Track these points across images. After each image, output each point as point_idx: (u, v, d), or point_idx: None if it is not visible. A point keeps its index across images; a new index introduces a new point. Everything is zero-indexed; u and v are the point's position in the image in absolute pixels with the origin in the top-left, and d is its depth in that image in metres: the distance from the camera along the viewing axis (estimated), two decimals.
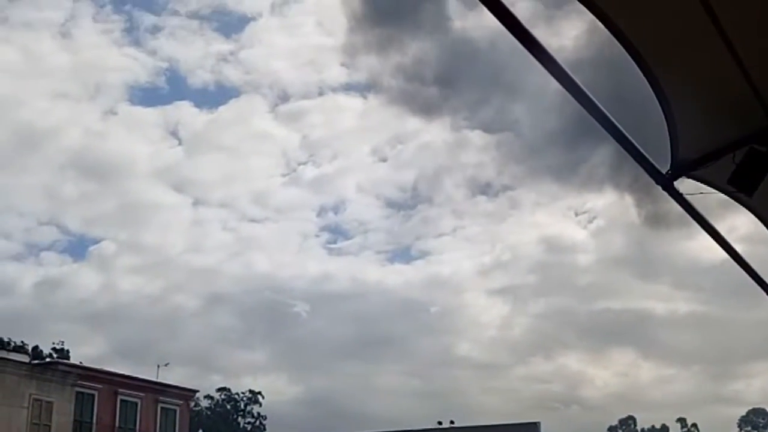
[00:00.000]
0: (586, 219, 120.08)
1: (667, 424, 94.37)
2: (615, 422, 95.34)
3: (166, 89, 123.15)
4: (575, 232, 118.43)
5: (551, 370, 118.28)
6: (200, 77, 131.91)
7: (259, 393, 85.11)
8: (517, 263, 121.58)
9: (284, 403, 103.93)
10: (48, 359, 53.21)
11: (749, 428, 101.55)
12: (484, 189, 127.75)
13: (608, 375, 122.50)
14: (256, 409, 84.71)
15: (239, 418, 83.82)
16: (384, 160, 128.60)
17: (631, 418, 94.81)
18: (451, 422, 52.16)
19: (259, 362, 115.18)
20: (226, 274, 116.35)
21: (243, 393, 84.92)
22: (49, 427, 39.69)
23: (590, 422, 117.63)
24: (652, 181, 5.56)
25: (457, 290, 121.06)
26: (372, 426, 54.76)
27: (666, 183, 5.60)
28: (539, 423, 48.65)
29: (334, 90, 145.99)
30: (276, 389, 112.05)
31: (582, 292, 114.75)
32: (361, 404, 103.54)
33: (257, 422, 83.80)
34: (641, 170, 5.36)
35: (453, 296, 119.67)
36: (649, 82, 5.05)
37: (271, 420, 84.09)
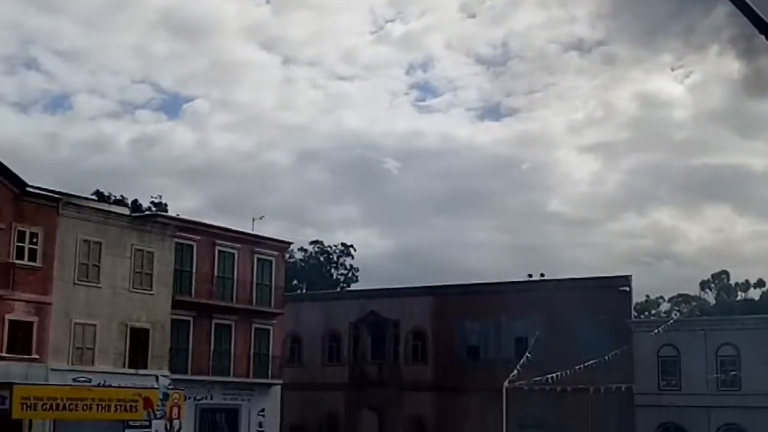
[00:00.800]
0: (682, 74, 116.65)
1: (764, 279, 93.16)
2: (708, 277, 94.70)
3: None
4: (671, 88, 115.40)
5: (644, 225, 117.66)
6: None
7: (351, 246, 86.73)
8: (610, 119, 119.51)
9: (375, 257, 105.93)
10: (147, 212, 54.85)
11: None
12: (577, 45, 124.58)
13: (702, 230, 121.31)
14: (348, 261, 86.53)
15: (332, 270, 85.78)
16: (473, 16, 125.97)
17: (725, 272, 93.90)
18: (542, 275, 52.62)
19: (351, 217, 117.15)
20: (317, 131, 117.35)
21: (335, 246, 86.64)
22: (151, 275, 41.28)
23: (682, 277, 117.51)
24: (756, 32, 5.32)
25: (549, 147, 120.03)
26: (462, 279, 55.56)
27: None
28: (630, 276, 48.72)
29: None
30: (367, 243, 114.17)
31: (677, 147, 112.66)
32: (452, 258, 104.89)
33: (350, 274, 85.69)
34: (743, 21, 5.14)
35: (544, 153, 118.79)
36: None
37: (362, 272, 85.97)
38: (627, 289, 48.10)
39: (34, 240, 36.93)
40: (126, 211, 44.88)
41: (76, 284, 38.27)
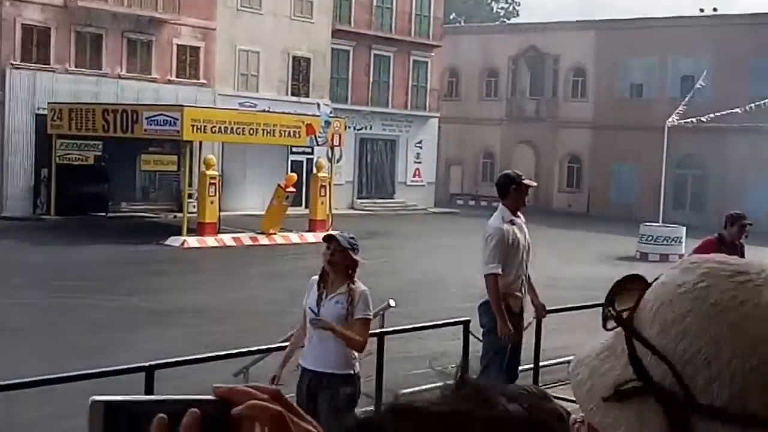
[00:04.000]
0: None
1: None
2: None
3: None
4: None
5: None
6: None
7: None
8: None
9: None
10: None
11: None
12: None
13: None
14: None
15: (492, 3, 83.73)
16: None
17: None
18: (714, 9, 50.02)
19: None
20: None
21: None
22: (311, 2, 40.92)
23: None
24: None
25: None
26: (628, 14, 53.30)
27: None
28: None
29: None
30: None
31: None
32: None
33: (510, 7, 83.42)
34: None
35: None
36: None
37: (523, 6, 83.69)
38: None
39: None
40: None
41: (239, 10, 38.67)
